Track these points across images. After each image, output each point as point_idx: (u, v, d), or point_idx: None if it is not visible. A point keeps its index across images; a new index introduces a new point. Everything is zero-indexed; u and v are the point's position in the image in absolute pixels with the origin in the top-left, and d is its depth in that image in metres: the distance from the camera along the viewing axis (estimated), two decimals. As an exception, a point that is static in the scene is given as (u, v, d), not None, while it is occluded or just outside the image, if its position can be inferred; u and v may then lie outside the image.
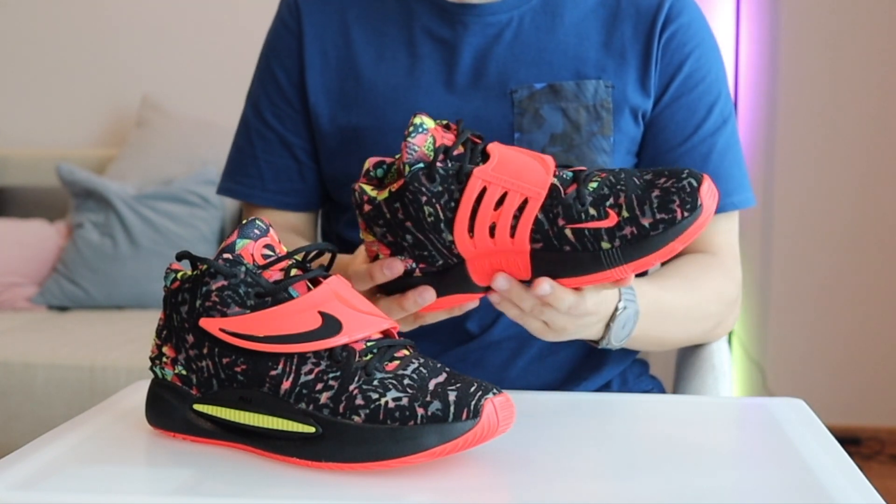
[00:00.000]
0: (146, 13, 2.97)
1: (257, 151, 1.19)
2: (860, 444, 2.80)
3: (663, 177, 0.81)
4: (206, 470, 0.74)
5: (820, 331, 2.86)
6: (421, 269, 0.86)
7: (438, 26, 1.14)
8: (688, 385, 1.18)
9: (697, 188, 0.80)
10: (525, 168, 0.82)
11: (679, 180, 0.80)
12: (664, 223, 0.79)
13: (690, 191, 0.80)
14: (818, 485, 0.70)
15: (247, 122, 1.22)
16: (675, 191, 0.80)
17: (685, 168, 0.82)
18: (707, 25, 1.16)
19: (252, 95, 1.22)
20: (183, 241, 2.55)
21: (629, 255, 0.80)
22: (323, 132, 1.16)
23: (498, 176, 0.82)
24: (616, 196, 0.81)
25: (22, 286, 2.61)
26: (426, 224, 0.84)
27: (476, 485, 0.72)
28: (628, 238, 0.80)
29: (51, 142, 3.01)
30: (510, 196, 0.81)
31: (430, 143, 0.84)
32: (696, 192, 0.80)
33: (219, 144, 2.71)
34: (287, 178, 1.18)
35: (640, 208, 0.80)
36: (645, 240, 0.80)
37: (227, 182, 1.22)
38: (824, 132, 2.81)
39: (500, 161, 0.83)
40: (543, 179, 0.81)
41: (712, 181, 0.82)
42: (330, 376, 0.73)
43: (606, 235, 0.80)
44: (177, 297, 0.78)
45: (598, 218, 0.80)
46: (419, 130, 0.84)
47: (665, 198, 0.80)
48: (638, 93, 1.11)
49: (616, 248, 0.80)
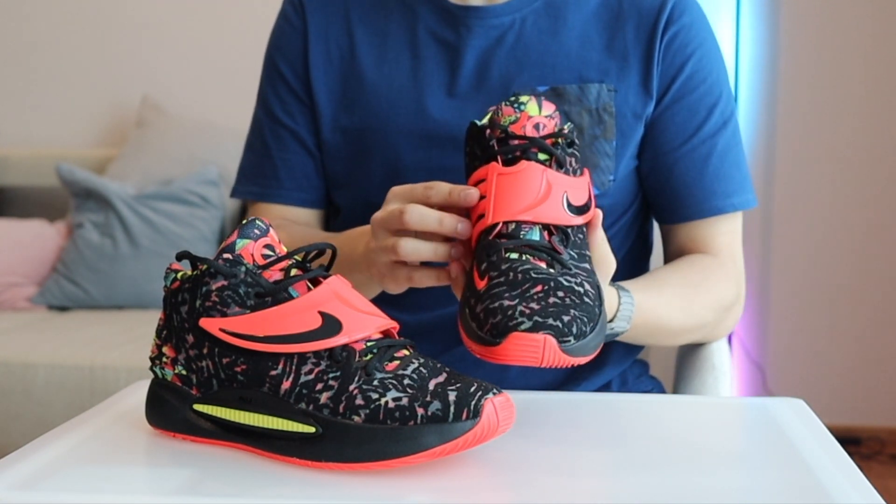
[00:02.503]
0: (146, 13, 2.97)
1: (272, 151, 1.19)
2: (860, 444, 2.80)
3: (512, 318, 0.76)
4: (206, 470, 0.74)
5: (820, 331, 2.86)
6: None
7: (442, 29, 1.14)
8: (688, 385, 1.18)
9: (497, 344, 0.75)
10: (517, 194, 0.83)
11: (503, 324, 0.75)
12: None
13: (496, 339, 0.76)
14: (818, 485, 0.70)
15: (259, 123, 1.21)
16: (495, 323, 0.76)
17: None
18: (709, 27, 1.16)
19: (261, 96, 1.22)
20: (183, 241, 2.55)
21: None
22: (324, 131, 1.16)
23: (492, 182, 0.84)
24: (495, 283, 0.79)
25: (22, 286, 2.61)
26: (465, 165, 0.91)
27: (476, 485, 0.72)
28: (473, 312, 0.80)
29: (51, 142, 3.01)
30: (484, 202, 0.84)
31: (513, 118, 0.87)
32: (496, 345, 0.75)
33: (219, 144, 2.72)
34: (303, 175, 1.18)
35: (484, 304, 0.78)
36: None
37: (244, 185, 1.22)
38: (824, 132, 2.81)
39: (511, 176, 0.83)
40: (501, 214, 0.82)
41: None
42: (330, 376, 0.73)
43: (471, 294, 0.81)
44: (177, 297, 0.78)
45: (480, 277, 0.81)
46: (517, 106, 0.88)
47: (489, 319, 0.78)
48: (640, 95, 1.11)
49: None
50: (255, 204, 1.22)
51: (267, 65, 1.21)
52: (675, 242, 1.17)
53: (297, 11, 1.19)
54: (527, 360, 0.74)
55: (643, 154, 1.14)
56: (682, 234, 1.15)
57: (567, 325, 0.74)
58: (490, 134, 0.85)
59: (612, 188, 1.11)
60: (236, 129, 2.63)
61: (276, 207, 1.20)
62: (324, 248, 0.80)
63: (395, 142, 1.12)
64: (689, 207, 1.13)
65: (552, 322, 0.74)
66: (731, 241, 1.16)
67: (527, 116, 0.86)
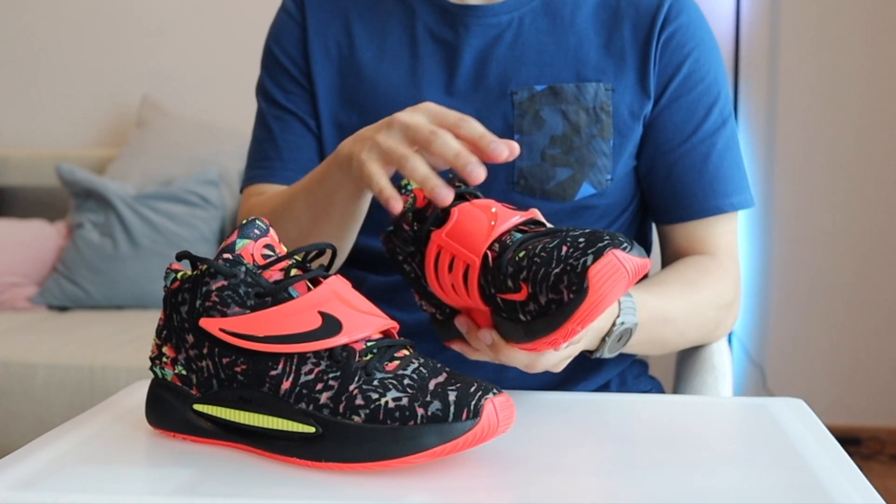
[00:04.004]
0: (146, 13, 2.97)
1: (275, 134, 1.18)
2: (860, 444, 2.80)
3: (577, 249, 0.75)
4: (206, 470, 0.74)
5: (820, 331, 2.86)
6: (439, 314, 0.89)
7: (440, 27, 1.14)
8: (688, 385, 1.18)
9: (588, 267, 0.74)
10: (470, 233, 0.81)
11: (582, 254, 0.74)
12: (556, 303, 0.75)
13: (581, 270, 0.74)
14: (818, 485, 0.70)
15: (261, 113, 1.21)
16: (569, 270, 0.75)
17: (608, 237, 0.75)
18: (707, 26, 1.16)
19: (261, 87, 1.21)
20: (183, 241, 2.55)
21: (539, 331, 0.78)
22: (322, 124, 1.16)
23: (447, 241, 0.82)
24: (529, 269, 0.77)
25: (22, 286, 2.61)
26: (411, 279, 0.87)
27: (476, 485, 0.72)
28: (534, 314, 0.77)
29: (51, 142, 3.01)
30: (456, 261, 0.82)
31: (410, 204, 0.85)
32: (585, 272, 0.74)
33: (219, 144, 2.72)
34: (308, 158, 1.17)
35: (540, 285, 0.76)
36: (545, 318, 0.77)
37: (248, 172, 1.20)
38: (824, 132, 2.81)
39: (454, 225, 0.83)
40: (479, 247, 0.80)
41: (626, 256, 0.74)
42: (330, 376, 0.73)
43: (520, 308, 0.78)
44: (177, 297, 0.78)
45: (513, 290, 0.78)
46: (404, 191, 0.86)
47: (559, 276, 0.75)
48: (638, 95, 1.11)
49: (529, 322, 0.78)
50: (253, 186, 1.19)
51: (266, 57, 1.21)
52: (674, 243, 1.17)
53: (298, 6, 1.19)
54: (618, 284, 0.74)
55: (642, 154, 1.14)
56: (680, 234, 1.15)
57: (611, 239, 0.75)
58: (407, 226, 0.85)
59: (609, 188, 1.11)
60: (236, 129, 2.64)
61: (266, 187, 1.17)
62: (324, 248, 0.80)
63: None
64: (687, 207, 1.13)
65: (600, 245, 0.74)
66: (729, 241, 1.16)
67: (419, 190, 0.86)
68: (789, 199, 2.83)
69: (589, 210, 1.11)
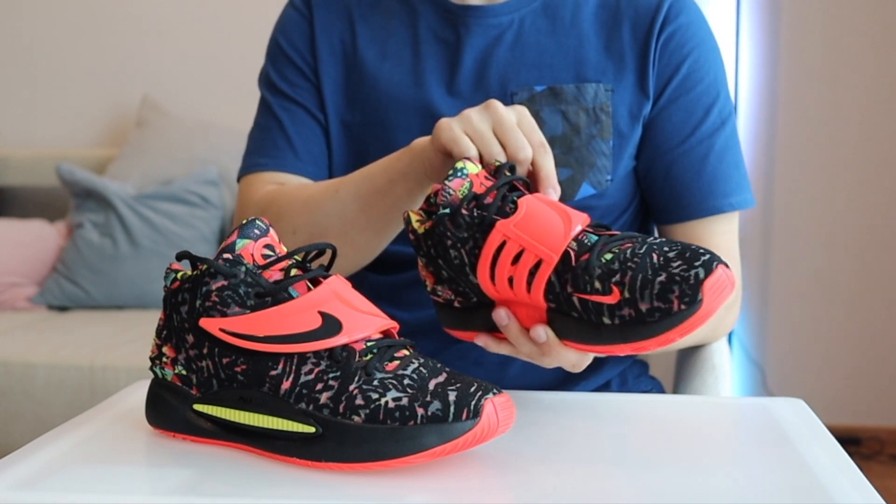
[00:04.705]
0: (146, 13, 2.97)
1: (285, 124, 1.16)
2: (860, 444, 2.80)
3: (681, 259, 0.77)
4: (206, 470, 0.74)
5: (820, 331, 2.86)
6: (459, 302, 0.87)
7: (442, 27, 1.14)
8: (688, 385, 1.18)
9: (702, 280, 0.75)
10: (546, 228, 0.81)
11: (690, 267, 0.76)
12: (660, 312, 0.76)
13: (694, 282, 0.75)
14: (818, 485, 0.70)
15: (266, 103, 1.19)
16: (679, 280, 0.75)
17: (706, 252, 0.77)
18: (707, 26, 1.16)
19: (266, 80, 1.20)
20: (183, 241, 2.55)
21: (626, 336, 0.78)
22: (329, 123, 1.16)
23: (517, 233, 0.81)
24: (623, 273, 0.77)
25: (22, 286, 2.61)
26: (454, 266, 0.85)
27: (476, 485, 0.72)
28: (626, 319, 0.77)
29: (51, 142, 3.01)
30: (526, 254, 0.80)
31: (466, 189, 0.84)
32: (699, 285, 0.75)
33: (219, 144, 2.72)
34: (319, 151, 1.16)
35: (640, 292, 0.76)
36: (641, 325, 0.77)
37: (254, 158, 1.17)
38: (824, 132, 2.81)
39: (524, 217, 0.81)
40: (558, 244, 0.80)
41: (728, 271, 0.76)
42: (330, 376, 0.73)
43: (607, 311, 0.78)
44: (177, 297, 0.78)
45: (602, 293, 0.78)
46: (457, 175, 0.84)
47: (667, 285, 0.76)
48: (637, 95, 1.11)
49: (615, 325, 0.78)
50: (252, 176, 1.17)
51: (273, 50, 1.20)
52: (673, 244, 1.17)
53: (305, 2, 1.19)
54: (724, 298, 0.76)
55: (641, 154, 1.14)
56: (679, 234, 1.15)
57: (710, 254, 0.77)
58: (466, 210, 0.83)
59: (610, 188, 1.11)
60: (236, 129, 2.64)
61: (281, 176, 1.16)
62: (324, 248, 0.80)
63: (395, 138, 1.12)
64: (687, 207, 1.13)
65: (704, 259, 0.76)
66: (728, 241, 1.16)
67: (475, 176, 0.85)
68: (789, 199, 2.83)
69: (589, 210, 1.11)
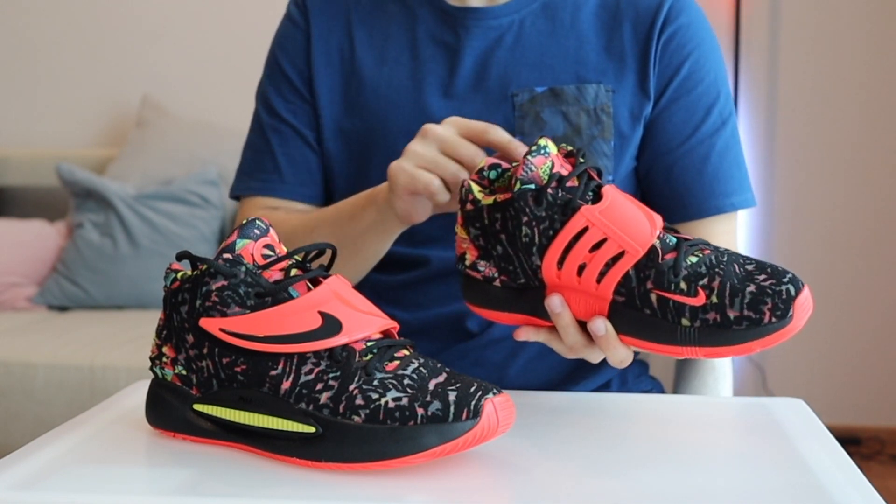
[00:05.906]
0: (146, 13, 2.97)
1: (273, 146, 1.19)
2: (860, 444, 2.80)
3: (765, 273, 0.79)
4: (206, 470, 0.74)
5: (819, 331, 2.86)
6: (501, 281, 0.86)
7: (441, 30, 1.14)
8: (688, 385, 1.19)
9: (794, 297, 0.77)
10: (632, 221, 0.81)
11: (779, 283, 0.78)
12: (749, 321, 0.77)
13: (786, 298, 0.77)
14: (818, 485, 0.70)
15: (259, 120, 1.21)
16: (771, 293, 0.77)
17: (789, 272, 0.79)
18: (708, 26, 1.16)
19: (262, 93, 1.22)
20: (183, 241, 2.55)
21: (704, 340, 0.79)
22: (325, 132, 1.16)
23: (603, 221, 0.80)
24: (712, 278, 0.78)
25: (22, 286, 2.61)
26: (519, 243, 0.83)
27: (476, 485, 0.72)
28: (710, 323, 0.78)
29: (51, 142, 3.01)
30: (608, 244, 0.80)
31: (548, 168, 0.83)
32: (792, 301, 0.77)
33: (219, 144, 2.72)
34: (306, 170, 1.18)
35: (730, 298, 0.78)
36: (725, 330, 0.78)
37: (245, 181, 1.22)
38: (824, 132, 2.81)
39: (610, 206, 0.81)
40: (647, 238, 0.80)
41: (810, 293, 0.79)
42: (330, 376, 0.73)
43: (689, 313, 0.79)
44: (177, 297, 0.78)
45: (687, 294, 0.79)
46: (541, 152, 0.83)
47: (759, 296, 0.77)
48: (638, 96, 1.11)
49: (695, 328, 0.79)
50: (249, 199, 1.21)
51: (270, 63, 1.22)
52: (674, 244, 1.17)
53: (301, 10, 1.20)
54: (807, 317, 0.79)
55: (642, 154, 1.14)
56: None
57: (791, 273, 0.80)
58: (551, 190, 0.82)
59: (611, 188, 1.11)
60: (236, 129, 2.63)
61: (273, 201, 1.19)
62: (324, 248, 0.80)
63: (395, 142, 1.12)
64: (688, 207, 1.13)
65: (789, 276, 0.79)
66: (728, 241, 1.15)
67: (556, 156, 0.84)
68: (789, 198, 2.83)
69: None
